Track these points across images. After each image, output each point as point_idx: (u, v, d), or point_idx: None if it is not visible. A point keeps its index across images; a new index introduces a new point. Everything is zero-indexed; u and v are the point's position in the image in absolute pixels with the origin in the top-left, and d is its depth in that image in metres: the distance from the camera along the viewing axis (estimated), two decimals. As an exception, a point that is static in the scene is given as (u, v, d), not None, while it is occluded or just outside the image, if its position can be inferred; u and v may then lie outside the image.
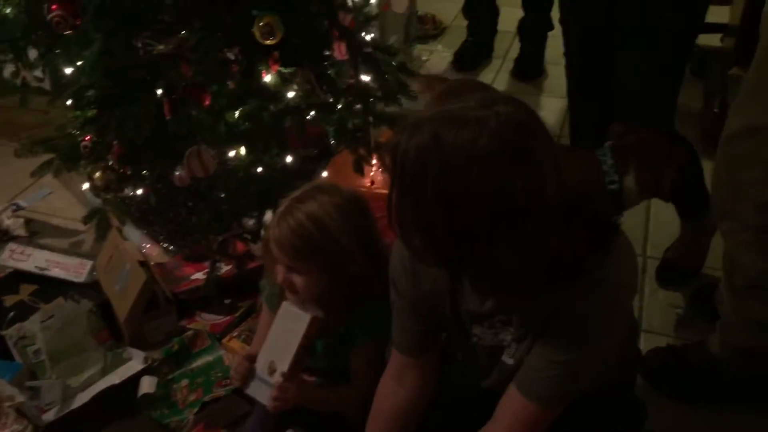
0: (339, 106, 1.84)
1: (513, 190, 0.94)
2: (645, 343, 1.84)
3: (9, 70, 2.12)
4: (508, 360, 1.22)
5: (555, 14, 3.02)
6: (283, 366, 1.41)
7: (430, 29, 3.48)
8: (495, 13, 3.20)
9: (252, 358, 1.47)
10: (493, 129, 0.94)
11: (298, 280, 1.40)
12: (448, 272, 1.17)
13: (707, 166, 1.80)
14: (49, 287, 2.00)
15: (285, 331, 1.44)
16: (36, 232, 2.29)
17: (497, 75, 3.17)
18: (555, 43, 3.13)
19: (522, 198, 0.95)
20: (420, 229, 1.02)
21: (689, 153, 1.82)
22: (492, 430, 1.20)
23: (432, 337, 1.33)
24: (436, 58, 3.33)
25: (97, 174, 1.68)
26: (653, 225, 2.30)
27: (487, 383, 1.29)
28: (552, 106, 2.90)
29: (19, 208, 2.39)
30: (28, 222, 2.32)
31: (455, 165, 0.94)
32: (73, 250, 2.18)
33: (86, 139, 1.71)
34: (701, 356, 1.70)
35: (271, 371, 1.43)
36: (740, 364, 1.65)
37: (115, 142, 1.73)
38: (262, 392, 1.44)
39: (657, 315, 1.98)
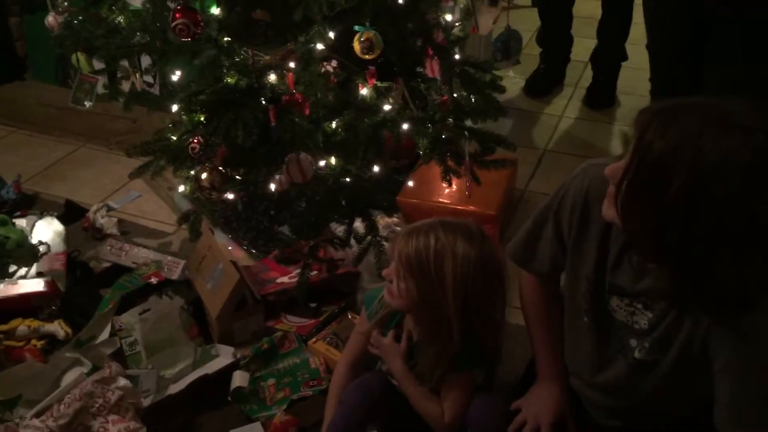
0: (434, 120, 1.90)
1: (761, 209, 0.95)
2: None
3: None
4: (635, 348, 1.23)
5: (629, 44, 3.08)
6: None
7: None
8: (569, 42, 3.26)
9: None
10: (760, 142, 0.94)
11: (397, 283, 1.46)
12: (640, 255, 1.14)
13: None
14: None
15: None
16: (127, 232, 2.39)
17: (569, 102, 3.22)
18: (628, 74, 3.17)
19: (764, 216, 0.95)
20: (646, 219, 1.02)
21: None
22: None
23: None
24: (508, 83, 3.37)
25: (204, 175, 1.77)
26: None
27: (603, 378, 1.31)
28: (624, 136, 2.93)
29: (110, 209, 2.50)
30: (120, 222, 2.42)
31: (710, 169, 0.94)
32: (163, 250, 2.27)
33: (194, 141, 1.80)
34: None
35: None
36: None
37: (220, 146, 1.81)
38: None
39: None
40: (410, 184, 2.17)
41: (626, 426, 1.38)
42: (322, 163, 1.96)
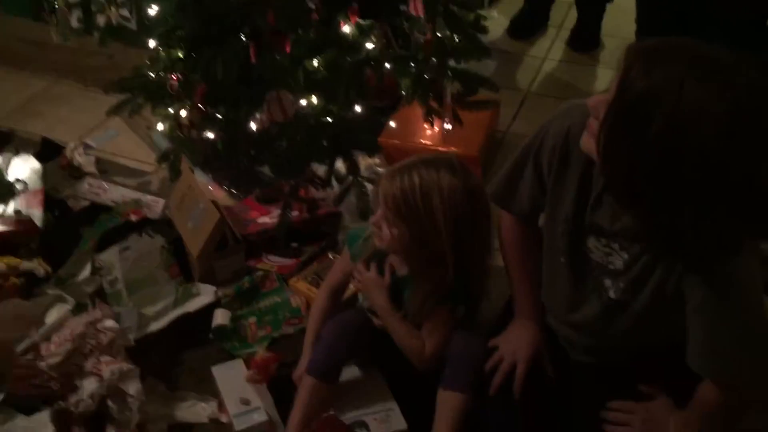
0: (416, 60, 1.87)
1: (732, 159, 0.95)
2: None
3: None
4: (609, 288, 1.26)
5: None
6: None
7: (485, -5, 3.48)
8: (554, -19, 3.21)
9: None
10: (736, 94, 0.93)
11: (387, 229, 1.46)
12: (615, 195, 1.15)
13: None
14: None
15: None
16: (105, 171, 2.36)
17: (552, 44, 3.18)
18: (613, 15, 3.14)
19: (736, 172, 0.95)
20: (622, 159, 1.02)
21: None
22: None
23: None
24: (491, 24, 3.31)
25: (184, 113, 1.74)
26: None
27: (578, 316, 1.34)
28: (608, 78, 2.92)
29: (87, 147, 2.46)
30: (98, 161, 2.39)
31: (688, 117, 0.94)
32: (143, 189, 2.25)
33: (172, 78, 1.77)
34: None
35: None
36: None
37: (200, 83, 1.78)
38: None
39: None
40: (392, 124, 2.16)
41: (601, 362, 1.41)
42: (303, 102, 1.95)
